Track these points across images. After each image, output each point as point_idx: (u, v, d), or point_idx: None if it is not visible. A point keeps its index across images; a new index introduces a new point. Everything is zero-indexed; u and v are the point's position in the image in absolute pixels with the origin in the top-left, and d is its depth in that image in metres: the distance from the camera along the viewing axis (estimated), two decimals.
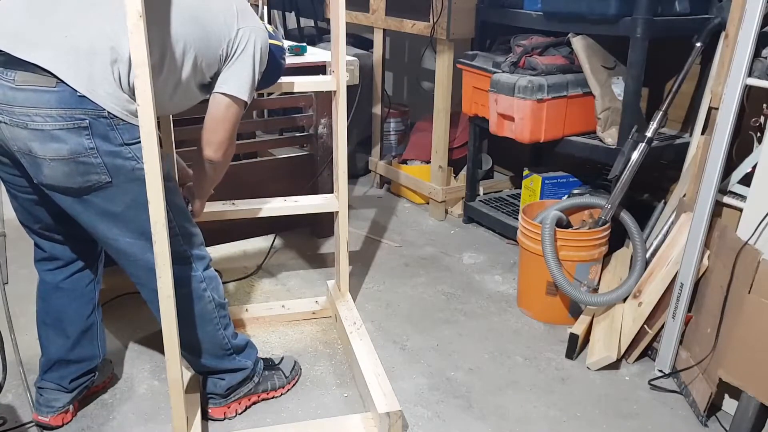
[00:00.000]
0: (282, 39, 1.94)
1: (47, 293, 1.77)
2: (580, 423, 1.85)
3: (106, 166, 1.45)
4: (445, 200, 3.23)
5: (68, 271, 1.76)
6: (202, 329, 1.72)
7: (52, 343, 1.78)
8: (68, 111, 1.38)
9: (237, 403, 1.85)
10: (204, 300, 1.70)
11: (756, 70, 1.83)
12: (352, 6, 3.07)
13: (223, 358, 1.79)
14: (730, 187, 1.98)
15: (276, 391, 1.92)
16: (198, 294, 1.69)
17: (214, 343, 1.76)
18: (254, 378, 1.86)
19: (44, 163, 1.42)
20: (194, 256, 1.68)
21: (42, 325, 1.79)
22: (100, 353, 1.85)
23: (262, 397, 1.90)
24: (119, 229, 1.54)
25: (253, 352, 1.89)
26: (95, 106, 1.40)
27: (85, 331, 1.79)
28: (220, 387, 1.81)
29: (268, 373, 1.91)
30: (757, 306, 1.67)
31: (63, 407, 1.78)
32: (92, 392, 1.91)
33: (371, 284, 2.62)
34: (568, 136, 2.57)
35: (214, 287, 1.73)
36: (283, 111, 3.59)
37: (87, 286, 1.80)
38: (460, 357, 2.15)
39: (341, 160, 2.11)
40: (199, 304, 1.70)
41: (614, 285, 2.24)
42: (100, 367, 1.88)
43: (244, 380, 1.84)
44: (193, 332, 1.72)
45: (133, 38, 1.28)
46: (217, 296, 1.74)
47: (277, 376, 1.93)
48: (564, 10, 2.45)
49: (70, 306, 1.77)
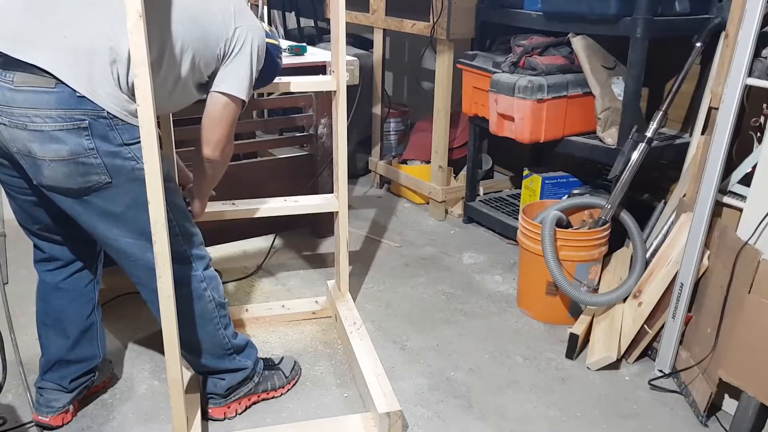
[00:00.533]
0: (279, 38, 1.94)
1: (47, 293, 1.77)
2: (580, 423, 1.85)
3: (106, 167, 1.45)
4: (445, 200, 3.23)
5: (68, 272, 1.76)
6: (202, 329, 1.72)
7: (52, 343, 1.78)
8: (68, 111, 1.38)
9: (237, 403, 1.85)
10: (204, 300, 1.70)
11: (756, 70, 1.83)
12: (352, 6, 3.08)
13: (224, 358, 1.79)
14: (730, 187, 1.98)
15: (276, 391, 1.92)
16: (198, 294, 1.69)
17: (214, 343, 1.76)
18: (254, 378, 1.86)
19: (44, 164, 1.41)
20: (194, 256, 1.68)
21: (42, 326, 1.79)
22: (100, 353, 1.85)
23: (262, 397, 1.90)
24: (119, 230, 1.54)
25: (253, 352, 1.89)
26: (95, 107, 1.40)
27: (85, 331, 1.79)
28: (220, 387, 1.81)
29: (268, 373, 1.91)
30: (757, 306, 1.67)
31: (63, 407, 1.78)
32: (92, 392, 1.91)
33: (371, 284, 2.62)
34: (568, 136, 2.57)
35: (214, 287, 1.73)
36: (283, 111, 3.59)
37: (86, 286, 1.80)
38: (460, 357, 2.15)
39: (341, 160, 2.11)
40: (200, 304, 1.70)
41: (614, 285, 2.24)
42: (100, 367, 1.88)
43: (244, 380, 1.84)
44: (194, 332, 1.72)
45: (133, 38, 1.28)
46: (217, 296, 1.74)
47: (277, 376, 1.93)
48: (564, 10, 2.45)
49: (69, 306, 1.77)
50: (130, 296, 2.38)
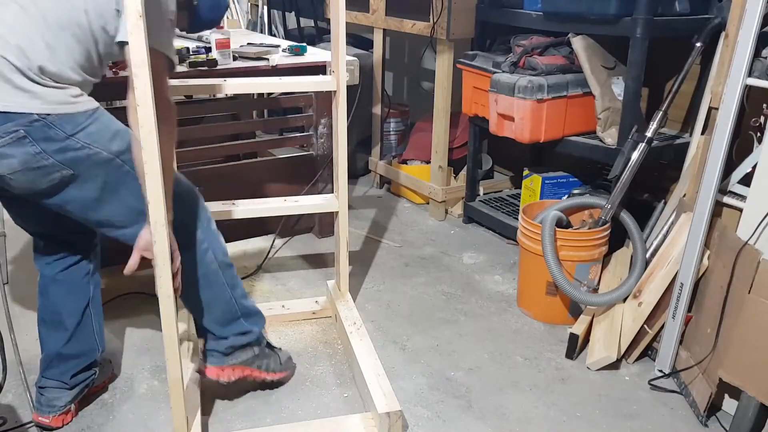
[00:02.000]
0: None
1: (45, 287, 1.79)
2: (580, 423, 1.85)
3: (62, 163, 1.46)
4: (445, 200, 3.23)
5: (64, 264, 1.78)
6: (209, 291, 1.72)
7: (51, 337, 1.79)
8: (0, 128, 1.39)
9: (232, 369, 1.84)
10: (206, 261, 1.70)
11: (756, 70, 1.83)
12: (352, 6, 3.08)
13: (230, 323, 1.79)
14: (730, 187, 1.98)
15: (270, 373, 1.91)
16: (200, 257, 1.69)
17: (222, 306, 1.75)
18: (255, 348, 1.85)
19: (7, 178, 1.44)
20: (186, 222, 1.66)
21: (41, 323, 1.81)
22: (99, 347, 1.85)
23: (255, 374, 1.88)
24: (108, 211, 1.56)
25: (260, 320, 1.88)
26: (21, 116, 1.39)
27: (82, 324, 1.81)
28: (222, 344, 1.80)
29: (268, 351, 1.91)
30: (757, 306, 1.67)
31: (64, 406, 1.78)
32: (92, 392, 1.91)
33: (371, 284, 2.62)
34: (568, 136, 2.57)
35: (216, 247, 1.73)
36: (283, 111, 3.59)
37: (83, 278, 1.81)
38: (460, 357, 2.15)
39: (341, 160, 2.11)
40: (202, 266, 1.70)
41: (614, 285, 2.24)
42: (100, 365, 1.89)
43: (247, 345, 1.83)
44: (200, 294, 1.72)
45: (133, 38, 1.28)
46: (221, 255, 1.73)
47: (273, 358, 1.93)
48: (564, 10, 2.45)
49: (67, 298, 1.79)
50: (130, 296, 2.38)
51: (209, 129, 2.85)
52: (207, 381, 1.85)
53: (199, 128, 2.79)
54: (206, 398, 1.89)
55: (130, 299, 2.37)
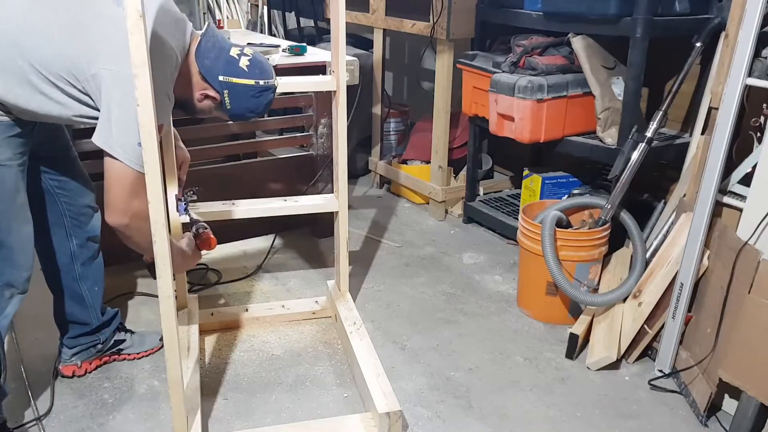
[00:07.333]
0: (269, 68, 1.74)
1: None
2: (580, 423, 1.85)
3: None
4: (445, 200, 3.24)
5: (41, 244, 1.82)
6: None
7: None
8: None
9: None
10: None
11: (756, 70, 1.83)
12: (352, 6, 3.08)
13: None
14: (730, 187, 1.98)
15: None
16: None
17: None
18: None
19: None
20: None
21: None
22: (94, 321, 1.95)
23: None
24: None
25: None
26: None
27: (70, 293, 1.89)
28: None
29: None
30: (757, 306, 1.67)
31: (69, 360, 1.94)
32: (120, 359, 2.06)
33: (371, 284, 2.62)
34: (568, 136, 2.57)
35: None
36: (283, 111, 3.58)
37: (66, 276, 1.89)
38: (460, 357, 2.15)
39: (341, 160, 2.11)
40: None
41: (614, 285, 2.24)
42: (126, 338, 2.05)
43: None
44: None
45: (133, 38, 1.28)
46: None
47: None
48: (564, 10, 2.45)
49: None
50: (130, 296, 2.38)
51: (209, 129, 2.85)
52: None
53: (199, 128, 2.79)
54: (206, 398, 1.89)
55: (130, 299, 2.37)
